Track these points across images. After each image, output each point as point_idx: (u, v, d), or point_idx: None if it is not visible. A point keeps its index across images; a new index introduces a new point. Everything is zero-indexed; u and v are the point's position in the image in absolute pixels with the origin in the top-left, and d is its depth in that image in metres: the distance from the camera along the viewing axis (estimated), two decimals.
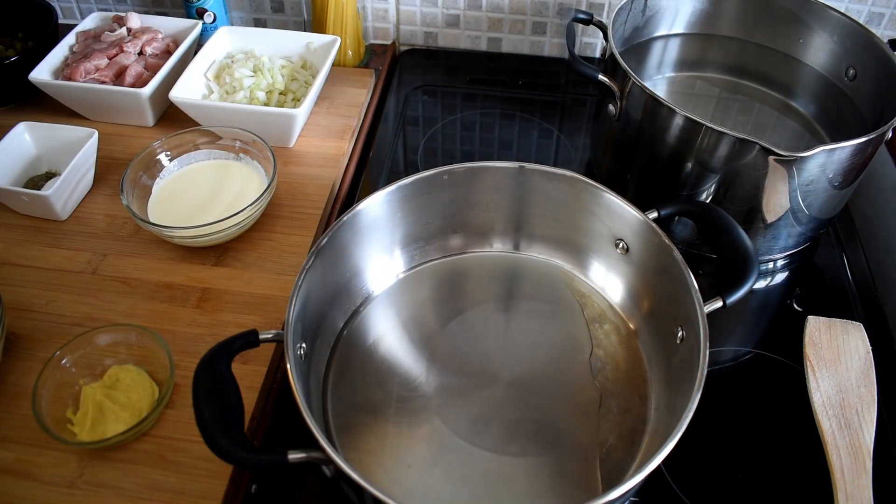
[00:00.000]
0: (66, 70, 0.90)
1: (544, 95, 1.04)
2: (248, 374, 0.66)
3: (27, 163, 0.83)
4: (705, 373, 0.54)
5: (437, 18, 1.09)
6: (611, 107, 0.79)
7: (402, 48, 1.13)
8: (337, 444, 0.62)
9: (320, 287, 0.64)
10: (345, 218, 0.66)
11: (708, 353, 0.56)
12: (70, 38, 0.95)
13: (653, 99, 0.72)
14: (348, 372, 0.67)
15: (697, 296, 0.59)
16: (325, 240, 0.64)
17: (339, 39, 0.95)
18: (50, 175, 0.83)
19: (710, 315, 0.59)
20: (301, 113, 0.85)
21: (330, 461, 0.50)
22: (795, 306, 0.79)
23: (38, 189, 0.78)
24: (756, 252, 0.63)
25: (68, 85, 0.88)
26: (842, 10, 0.83)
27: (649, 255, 0.67)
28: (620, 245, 0.70)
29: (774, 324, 0.78)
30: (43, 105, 0.93)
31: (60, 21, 1.01)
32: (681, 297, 0.61)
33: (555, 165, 0.72)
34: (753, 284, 0.62)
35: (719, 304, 0.60)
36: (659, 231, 0.65)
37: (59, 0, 1.14)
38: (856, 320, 0.73)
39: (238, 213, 0.73)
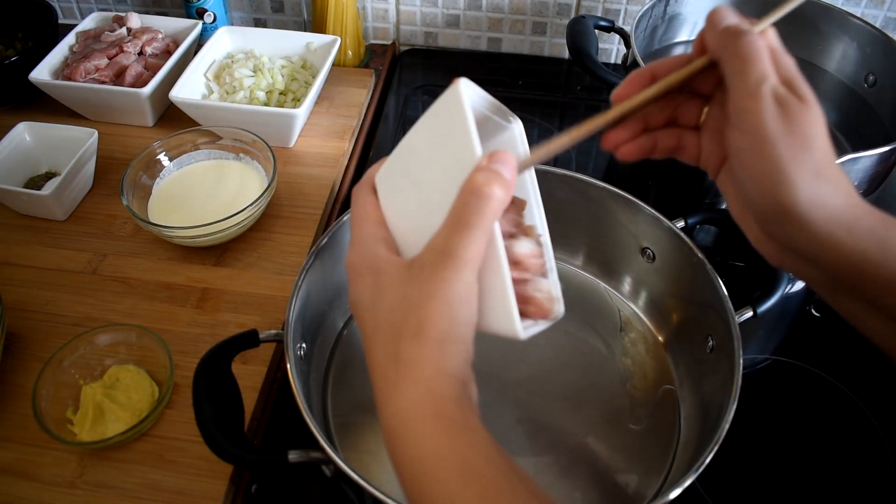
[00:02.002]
0: (66, 70, 0.90)
1: (544, 95, 1.04)
2: (248, 374, 0.66)
3: (27, 163, 0.83)
4: (740, 383, 0.54)
5: (437, 18, 1.09)
6: None
7: (402, 48, 1.13)
8: (337, 444, 0.62)
9: (320, 287, 0.64)
10: (345, 218, 0.65)
11: (742, 362, 0.55)
12: (70, 38, 0.95)
13: None
14: (348, 372, 0.67)
15: (729, 306, 0.59)
16: (325, 240, 0.64)
17: (339, 39, 0.94)
18: (50, 175, 0.83)
19: None
20: (301, 113, 0.85)
21: (330, 461, 0.50)
22: (814, 312, 0.78)
23: (38, 189, 0.78)
24: None
25: (68, 85, 0.88)
26: (860, 17, 0.82)
27: (677, 264, 0.67)
28: (647, 253, 0.70)
29: (793, 330, 0.77)
30: (43, 105, 0.93)
31: (60, 21, 1.01)
32: (711, 306, 0.61)
33: (554, 165, 0.71)
34: (783, 293, 0.61)
35: (750, 313, 0.60)
36: (688, 241, 0.64)
37: (59, 0, 1.14)
38: None
39: (238, 213, 0.73)
